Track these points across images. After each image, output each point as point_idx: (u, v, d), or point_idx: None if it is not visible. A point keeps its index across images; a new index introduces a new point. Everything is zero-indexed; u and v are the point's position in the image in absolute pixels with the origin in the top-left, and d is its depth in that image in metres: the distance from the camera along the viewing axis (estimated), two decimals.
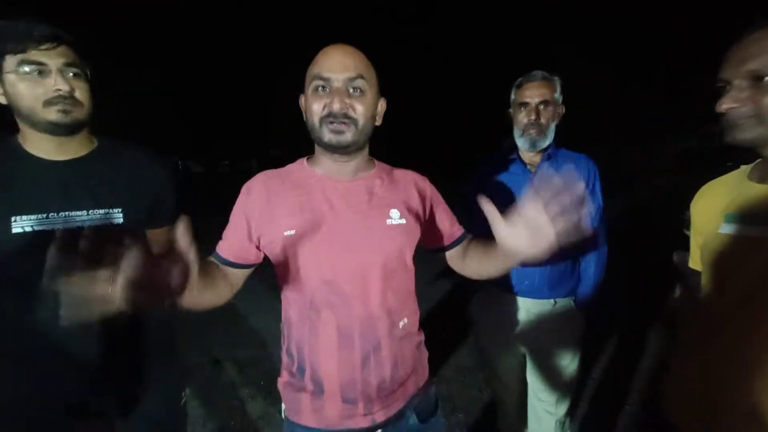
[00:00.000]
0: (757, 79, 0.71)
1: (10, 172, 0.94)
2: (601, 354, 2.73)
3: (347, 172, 0.93)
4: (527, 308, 1.49)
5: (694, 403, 0.80)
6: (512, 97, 1.47)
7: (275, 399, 2.39)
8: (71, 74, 0.95)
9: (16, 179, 0.93)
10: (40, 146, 0.98)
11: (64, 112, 0.94)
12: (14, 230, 0.90)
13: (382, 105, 0.94)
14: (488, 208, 0.77)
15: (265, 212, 0.89)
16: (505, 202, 1.44)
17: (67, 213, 0.95)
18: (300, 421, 0.92)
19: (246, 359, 2.86)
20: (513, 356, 1.59)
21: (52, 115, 0.93)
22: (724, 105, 0.75)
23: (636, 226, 5.85)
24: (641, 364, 2.57)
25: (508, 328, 1.53)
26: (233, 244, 0.93)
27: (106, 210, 0.99)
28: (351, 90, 0.85)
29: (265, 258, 0.96)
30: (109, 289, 0.53)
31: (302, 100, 0.92)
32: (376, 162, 1.01)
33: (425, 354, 1.05)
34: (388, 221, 0.91)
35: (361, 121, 0.86)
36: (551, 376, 1.52)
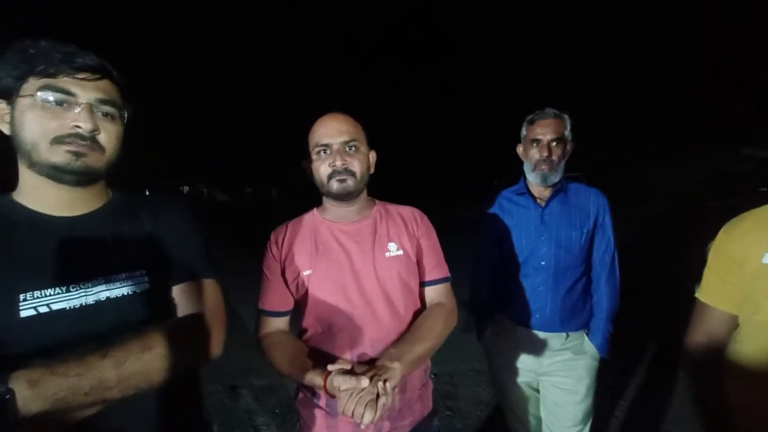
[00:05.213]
0: None
1: (6, 236, 0.71)
2: (617, 388, 2.61)
3: (351, 215, 1.10)
4: (540, 341, 1.49)
5: None
6: (523, 132, 1.52)
7: (289, 427, 2.39)
8: (103, 113, 0.75)
9: (15, 246, 0.70)
10: (39, 198, 0.74)
11: (76, 154, 0.71)
12: (23, 314, 0.66)
13: (373, 156, 1.13)
14: None
15: (289, 257, 1.06)
16: (515, 234, 1.49)
17: (84, 283, 0.72)
18: None
19: (262, 387, 2.88)
20: (526, 389, 1.58)
21: (59, 155, 0.70)
22: None
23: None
24: (662, 399, 2.45)
25: (521, 360, 1.52)
26: (276, 293, 1.06)
27: (128, 273, 0.77)
28: (347, 149, 1.03)
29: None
30: None
31: (305, 164, 1.09)
32: (376, 201, 1.16)
33: (430, 384, 1.14)
34: (387, 254, 1.05)
35: (358, 173, 1.04)
36: (565, 411, 1.49)
